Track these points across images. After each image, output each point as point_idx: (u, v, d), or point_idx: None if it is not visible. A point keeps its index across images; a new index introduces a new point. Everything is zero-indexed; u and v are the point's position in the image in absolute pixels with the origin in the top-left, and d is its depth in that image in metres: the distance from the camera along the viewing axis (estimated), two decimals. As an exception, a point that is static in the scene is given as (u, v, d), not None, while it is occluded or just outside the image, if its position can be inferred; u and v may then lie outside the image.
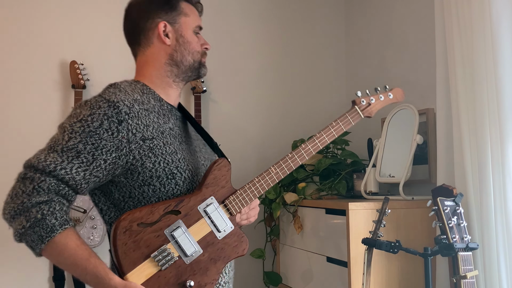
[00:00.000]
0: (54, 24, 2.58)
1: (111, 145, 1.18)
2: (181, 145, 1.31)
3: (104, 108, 1.22)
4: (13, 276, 2.44)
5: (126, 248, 1.19)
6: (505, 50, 1.71)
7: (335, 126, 1.47)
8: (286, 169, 1.39)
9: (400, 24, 2.59)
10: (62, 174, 1.16)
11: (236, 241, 1.30)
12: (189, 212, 1.24)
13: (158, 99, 1.34)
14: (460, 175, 1.86)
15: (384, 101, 1.56)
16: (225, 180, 1.31)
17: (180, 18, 1.38)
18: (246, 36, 2.93)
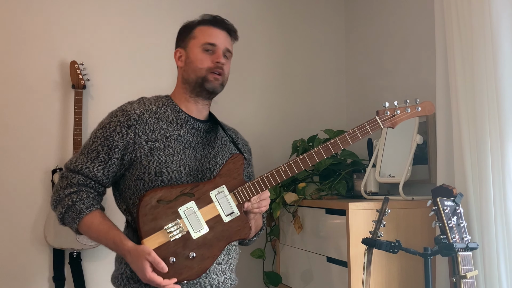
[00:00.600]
0: (54, 24, 2.58)
1: (121, 145, 1.51)
2: (186, 149, 1.56)
3: (119, 116, 1.56)
4: (14, 276, 2.44)
5: (146, 219, 1.44)
6: (505, 50, 1.71)
7: (352, 134, 1.57)
8: (295, 168, 1.53)
9: (400, 24, 2.59)
10: (86, 172, 1.50)
11: (240, 225, 1.49)
12: (201, 196, 1.48)
13: (177, 110, 1.62)
14: (460, 175, 1.86)
15: (410, 114, 1.61)
16: (237, 172, 1.52)
17: (190, 42, 1.64)
18: (246, 36, 2.92)
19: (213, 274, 1.55)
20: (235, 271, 1.67)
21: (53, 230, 2.42)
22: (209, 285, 1.54)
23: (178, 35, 1.70)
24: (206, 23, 1.66)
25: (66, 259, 2.50)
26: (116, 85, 2.66)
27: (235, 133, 1.83)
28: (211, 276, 1.54)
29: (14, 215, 2.46)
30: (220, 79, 1.64)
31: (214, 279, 1.55)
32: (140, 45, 2.71)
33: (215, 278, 1.55)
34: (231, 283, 1.61)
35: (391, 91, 2.63)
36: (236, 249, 1.65)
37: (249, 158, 1.81)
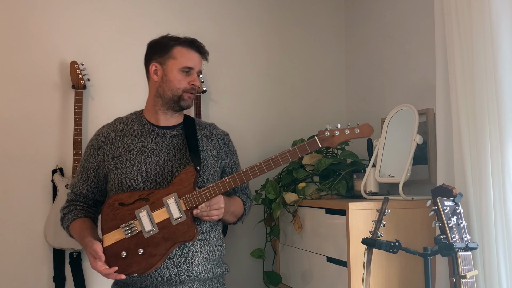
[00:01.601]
0: (54, 24, 2.58)
1: (95, 165, 1.84)
2: (148, 158, 1.80)
3: (92, 140, 1.89)
4: (14, 276, 2.44)
5: (107, 218, 1.74)
6: (505, 50, 1.71)
7: (292, 151, 1.73)
8: (238, 180, 1.73)
9: (400, 24, 2.59)
10: (75, 190, 1.88)
11: (185, 228, 1.70)
12: (155, 201, 1.72)
13: (143, 124, 1.87)
14: (459, 175, 1.86)
15: (349, 135, 1.75)
16: (188, 182, 1.73)
17: (169, 61, 1.83)
18: (246, 36, 2.93)
19: (162, 267, 1.74)
20: (204, 263, 1.79)
21: (53, 230, 2.42)
22: (159, 277, 1.74)
23: (152, 48, 1.88)
24: (185, 44, 1.84)
25: (66, 259, 2.51)
26: (116, 85, 2.66)
27: (210, 130, 1.95)
28: (160, 269, 1.73)
29: (14, 215, 2.46)
30: (193, 97, 1.86)
31: (164, 272, 1.74)
32: (140, 45, 2.69)
33: (165, 271, 1.74)
34: (189, 275, 1.75)
35: (391, 91, 2.63)
36: (197, 243, 1.78)
37: (226, 150, 1.95)
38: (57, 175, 2.48)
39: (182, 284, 1.76)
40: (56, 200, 2.45)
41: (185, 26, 2.78)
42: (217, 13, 2.87)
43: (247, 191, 2.01)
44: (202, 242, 1.80)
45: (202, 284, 1.80)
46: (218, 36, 2.84)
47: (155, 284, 1.74)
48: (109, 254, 1.71)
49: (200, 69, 1.87)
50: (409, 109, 2.20)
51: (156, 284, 1.74)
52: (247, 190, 2.01)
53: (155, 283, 1.74)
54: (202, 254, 1.79)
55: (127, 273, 1.70)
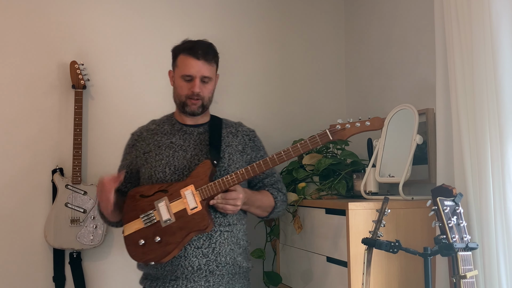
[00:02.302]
0: (54, 24, 2.58)
1: (129, 162, 1.99)
2: (176, 153, 1.91)
3: (128, 140, 2.05)
4: (14, 276, 2.44)
5: (128, 209, 1.85)
6: (505, 50, 1.71)
7: (303, 144, 1.78)
8: (251, 171, 1.80)
9: (400, 24, 2.59)
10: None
11: (200, 218, 1.78)
12: (173, 192, 1.81)
13: (173, 123, 2.01)
14: (459, 175, 1.86)
15: (359, 128, 1.77)
16: (204, 174, 1.81)
17: (175, 69, 1.97)
18: (246, 36, 2.93)
19: (192, 256, 1.81)
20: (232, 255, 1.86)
21: (53, 230, 2.42)
22: (189, 266, 1.81)
23: (171, 55, 2.00)
24: (185, 52, 1.91)
25: (66, 259, 2.51)
26: (116, 85, 2.66)
27: (236, 127, 2.05)
28: (190, 258, 1.81)
29: (14, 215, 2.46)
30: (198, 103, 1.92)
31: (193, 261, 1.81)
32: (140, 45, 2.72)
33: (194, 260, 1.81)
34: (217, 265, 1.83)
35: (391, 91, 2.63)
36: (224, 234, 1.86)
37: (252, 145, 2.03)
38: (57, 175, 2.48)
39: (212, 274, 1.83)
40: (56, 200, 2.45)
41: (185, 26, 2.78)
42: (217, 13, 2.87)
43: (279, 185, 2.06)
44: (229, 234, 1.87)
45: (231, 278, 1.88)
46: (218, 36, 2.84)
47: (186, 274, 1.81)
48: (129, 242, 1.83)
49: (204, 74, 1.90)
50: (409, 109, 2.20)
51: (187, 274, 1.81)
52: (278, 184, 2.05)
53: (185, 273, 1.81)
54: (229, 245, 1.86)
55: (144, 261, 1.80)
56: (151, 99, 2.71)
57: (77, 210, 2.45)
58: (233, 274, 1.88)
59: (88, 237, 2.44)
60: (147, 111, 2.68)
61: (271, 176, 2.05)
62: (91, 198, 2.47)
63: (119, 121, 2.65)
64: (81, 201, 2.46)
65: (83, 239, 2.43)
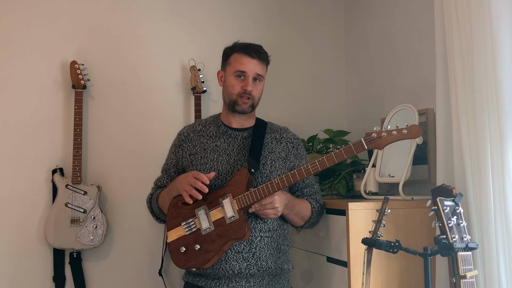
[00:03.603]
0: (54, 24, 2.58)
1: (175, 161, 2.01)
2: (220, 157, 1.92)
3: (175, 140, 2.05)
4: (14, 276, 2.44)
5: (171, 216, 1.88)
6: (505, 50, 1.71)
7: (337, 153, 1.77)
8: (286, 181, 1.79)
9: (400, 24, 2.59)
10: (159, 184, 2.05)
11: (237, 227, 1.78)
12: (213, 201, 1.83)
13: (218, 125, 2.00)
14: (459, 175, 1.86)
15: (396, 136, 1.71)
16: (241, 183, 1.82)
17: (227, 67, 1.96)
18: (246, 36, 2.92)
19: (233, 261, 1.83)
20: (272, 259, 1.87)
21: (53, 230, 2.42)
22: (230, 270, 1.82)
23: (222, 57, 2.01)
24: (239, 50, 1.92)
25: (66, 259, 2.51)
26: (116, 85, 2.66)
27: (281, 133, 2.04)
28: (231, 262, 1.83)
29: (15, 215, 2.47)
30: (248, 102, 1.92)
31: (234, 265, 1.83)
32: (140, 45, 2.72)
33: (235, 264, 1.83)
34: (258, 269, 1.84)
35: (391, 91, 2.63)
36: (264, 239, 1.87)
37: (295, 153, 2.01)
38: (57, 175, 2.48)
39: (252, 277, 1.85)
40: (56, 200, 2.45)
41: (185, 26, 2.78)
42: (216, 13, 2.87)
43: (317, 196, 2.04)
44: (269, 239, 1.88)
45: (271, 279, 1.89)
46: (218, 36, 2.84)
47: (227, 276, 1.83)
48: (172, 248, 1.85)
49: (257, 72, 1.91)
50: (409, 109, 2.20)
51: (228, 276, 1.83)
52: (316, 196, 2.04)
53: (227, 275, 1.83)
54: (269, 250, 1.87)
55: (186, 267, 1.82)
56: (151, 99, 2.71)
57: (77, 210, 2.45)
58: (273, 276, 1.89)
59: (88, 237, 2.44)
60: (147, 111, 2.69)
61: (310, 186, 2.03)
62: (91, 198, 2.47)
63: (119, 121, 2.65)
64: (81, 201, 2.46)
65: (83, 239, 2.43)
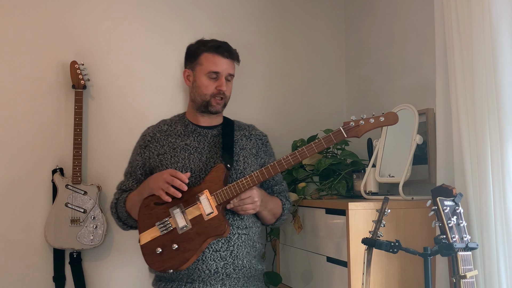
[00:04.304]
0: (54, 24, 2.58)
1: (141, 163, 1.95)
2: (191, 155, 1.89)
3: (139, 141, 2.00)
4: (14, 276, 2.44)
5: (144, 217, 1.81)
6: (505, 50, 1.71)
7: (317, 143, 1.76)
8: (266, 173, 1.77)
9: (400, 24, 2.59)
10: (123, 188, 1.98)
11: (217, 223, 1.75)
12: (188, 199, 1.78)
13: (186, 124, 1.98)
14: (459, 175, 1.86)
15: (374, 124, 1.75)
16: (218, 179, 1.80)
17: (197, 67, 1.93)
18: (246, 36, 2.93)
19: (210, 260, 1.79)
20: (248, 258, 1.86)
21: (53, 230, 2.42)
22: (207, 270, 1.79)
23: (186, 55, 1.98)
24: (211, 50, 1.91)
25: (66, 259, 2.51)
26: (116, 85, 2.66)
27: (249, 130, 2.05)
28: (208, 262, 1.79)
29: (14, 215, 2.46)
30: (221, 102, 1.93)
31: (211, 265, 1.79)
32: (140, 45, 2.71)
33: (212, 264, 1.79)
34: (234, 268, 1.81)
35: (391, 91, 2.63)
36: (242, 237, 1.85)
37: (265, 150, 2.03)
38: (57, 175, 2.48)
39: (228, 278, 1.82)
40: (56, 200, 2.45)
41: (185, 26, 2.78)
42: (217, 13, 2.87)
43: (286, 193, 2.06)
44: (246, 237, 1.87)
45: (246, 281, 1.87)
46: (218, 36, 2.83)
47: (202, 277, 1.79)
48: (146, 251, 1.79)
49: (230, 72, 1.93)
50: (409, 109, 2.20)
51: (204, 277, 1.79)
52: (285, 193, 2.05)
53: (202, 276, 1.79)
54: (246, 248, 1.86)
55: (163, 269, 1.76)
56: (151, 99, 2.71)
57: (77, 210, 2.45)
58: (248, 277, 1.87)
59: (88, 237, 2.44)
60: (147, 111, 2.69)
61: (280, 184, 2.05)
62: (91, 198, 2.47)
63: (119, 121, 2.65)
64: (81, 201, 2.46)
65: (83, 239, 2.43)
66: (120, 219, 1.96)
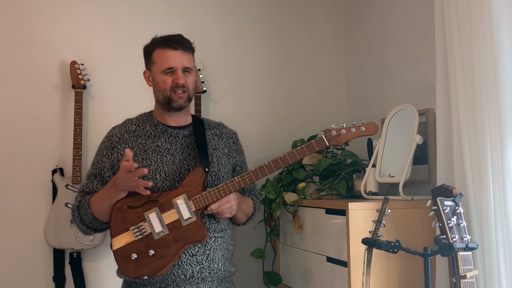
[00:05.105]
0: (54, 24, 2.58)
1: (109, 165, 1.83)
2: (164, 157, 1.81)
3: (105, 142, 1.88)
4: (14, 276, 2.44)
5: (116, 221, 1.73)
6: (505, 50, 1.71)
7: (300, 150, 1.75)
8: (247, 179, 1.74)
9: (400, 24, 2.59)
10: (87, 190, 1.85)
11: (195, 229, 1.70)
12: (164, 203, 1.72)
13: (155, 124, 1.89)
14: (459, 175, 1.86)
15: (355, 133, 1.78)
16: (197, 183, 1.74)
17: (152, 66, 1.86)
18: (246, 36, 2.93)
19: (186, 265, 1.74)
20: (223, 261, 1.82)
21: (53, 230, 2.42)
22: (182, 275, 1.73)
23: (143, 56, 1.91)
24: (161, 45, 1.83)
25: (66, 259, 2.51)
26: (116, 85, 2.66)
27: (220, 129, 1.99)
28: (184, 266, 1.74)
29: (14, 215, 2.47)
30: (184, 96, 1.83)
31: (187, 269, 1.74)
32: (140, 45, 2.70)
33: (188, 268, 1.74)
34: (210, 272, 1.77)
35: (391, 91, 2.63)
36: (218, 240, 1.81)
37: (236, 148, 1.98)
38: (57, 175, 2.48)
39: (203, 281, 1.77)
40: (56, 200, 2.45)
41: (185, 26, 2.78)
42: (217, 13, 2.87)
43: (256, 191, 2.04)
44: (221, 240, 1.83)
45: (220, 283, 1.84)
46: (218, 36, 2.84)
47: (177, 282, 1.74)
48: (119, 257, 1.71)
49: (184, 65, 1.82)
50: (409, 109, 2.20)
51: (178, 282, 1.74)
52: (255, 191, 2.04)
53: (177, 281, 1.74)
54: (221, 251, 1.82)
55: (138, 276, 1.69)
56: (152, 99, 2.70)
57: (77, 210, 2.44)
58: (221, 280, 1.84)
59: (88, 237, 2.44)
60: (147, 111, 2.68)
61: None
62: (91, 198, 2.47)
63: (119, 121, 2.63)
64: (81, 201, 2.46)
65: (83, 239, 2.43)
66: (84, 222, 1.82)
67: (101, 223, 1.82)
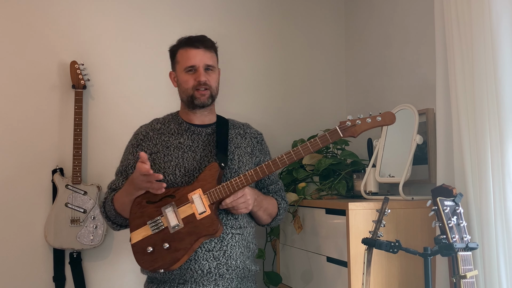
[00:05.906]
0: (54, 24, 2.58)
1: (133, 162, 1.89)
2: (185, 154, 1.86)
3: (131, 140, 1.97)
4: (14, 276, 2.44)
5: (135, 216, 1.79)
6: (505, 50, 1.71)
7: (313, 142, 1.73)
8: (260, 172, 1.75)
9: (400, 24, 2.59)
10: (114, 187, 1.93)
11: (209, 222, 1.72)
12: (181, 197, 1.76)
13: (179, 122, 1.95)
14: (459, 175, 1.86)
15: (371, 123, 1.72)
16: (212, 178, 1.77)
17: (176, 66, 1.93)
18: (246, 36, 2.93)
19: (202, 260, 1.76)
20: (242, 258, 1.83)
21: (53, 230, 2.42)
22: (199, 270, 1.76)
23: (169, 58, 1.98)
24: (183, 45, 1.90)
25: (66, 259, 2.51)
26: (116, 85, 2.66)
27: (244, 128, 2.02)
28: (201, 262, 1.76)
29: (14, 215, 2.47)
30: (206, 93, 1.88)
31: (203, 264, 1.76)
32: (140, 45, 2.72)
33: (205, 263, 1.76)
34: (227, 269, 1.78)
35: (391, 91, 2.63)
36: (235, 237, 1.82)
37: (260, 148, 2.01)
38: (57, 175, 2.48)
39: (221, 278, 1.79)
40: (56, 200, 2.45)
41: (185, 26, 2.78)
42: (217, 13, 2.87)
43: (282, 193, 2.03)
44: (240, 237, 1.84)
45: (240, 282, 1.84)
46: (218, 36, 2.83)
47: (195, 277, 1.76)
48: (137, 250, 1.76)
49: (206, 63, 1.87)
50: (409, 109, 2.20)
51: (196, 277, 1.76)
52: (281, 192, 2.03)
53: (194, 277, 1.76)
54: (239, 248, 1.83)
55: (153, 269, 1.73)
56: (151, 99, 2.71)
57: (77, 210, 2.44)
58: (242, 278, 1.85)
59: (88, 237, 2.44)
60: (147, 111, 2.68)
61: (275, 183, 2.03)
62: (91, 198, 2.47)
63: (119, 121, 2.64)
64: (81, 201, 2.46)
65: (83, 239, 2.43)
66: (109, 218, 1.91)
67: (124, 219, 1.87)
